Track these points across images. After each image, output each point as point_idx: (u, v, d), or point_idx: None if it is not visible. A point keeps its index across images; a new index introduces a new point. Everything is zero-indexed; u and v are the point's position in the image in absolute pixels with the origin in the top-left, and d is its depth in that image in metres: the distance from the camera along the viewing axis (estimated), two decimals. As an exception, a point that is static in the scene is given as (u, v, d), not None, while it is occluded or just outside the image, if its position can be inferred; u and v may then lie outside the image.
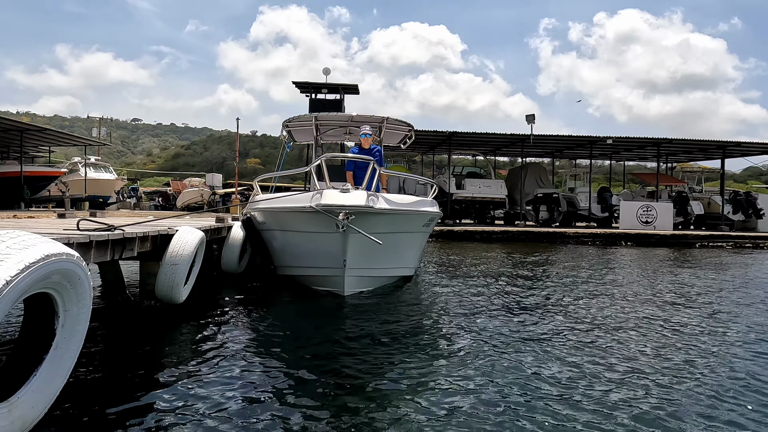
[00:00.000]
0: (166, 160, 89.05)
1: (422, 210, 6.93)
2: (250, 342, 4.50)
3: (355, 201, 5.64)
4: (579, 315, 5.81)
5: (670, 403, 3.20)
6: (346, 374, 3.63)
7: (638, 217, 21.39)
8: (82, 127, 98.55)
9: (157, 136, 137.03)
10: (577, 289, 7.67)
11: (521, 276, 9.08)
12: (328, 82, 20.34)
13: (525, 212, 24.05)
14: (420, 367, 3.81)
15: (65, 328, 2.62)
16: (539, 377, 3.63)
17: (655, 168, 26.11)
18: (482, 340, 4.58)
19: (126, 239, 4.59)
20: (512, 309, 6.05)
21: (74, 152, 36.84)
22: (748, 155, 25.94)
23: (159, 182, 58.06)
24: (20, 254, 2.26)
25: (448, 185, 22.06)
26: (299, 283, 7.11)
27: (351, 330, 4.94)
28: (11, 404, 2.30)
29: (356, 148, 8.07)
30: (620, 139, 23.02)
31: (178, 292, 5.14)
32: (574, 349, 4.36)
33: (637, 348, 4.47)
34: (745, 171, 57.22)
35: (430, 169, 30.15)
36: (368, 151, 7.84)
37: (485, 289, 7.43)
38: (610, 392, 3.37)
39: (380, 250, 6.08)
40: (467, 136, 23.23)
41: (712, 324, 5.52)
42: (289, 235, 6.85)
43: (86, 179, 27.34)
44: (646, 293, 7.47)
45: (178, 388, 3.29)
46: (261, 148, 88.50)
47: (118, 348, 4.25)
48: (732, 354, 4.36)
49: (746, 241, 18.79)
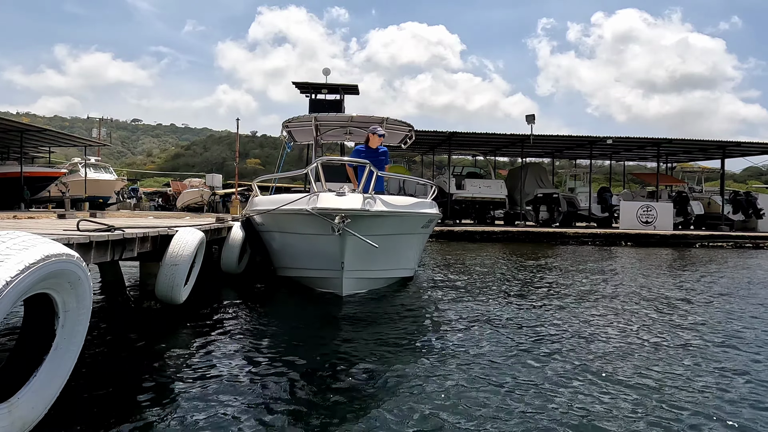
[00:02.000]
0: (166, 160, 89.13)
1: (421, 211, 6.90)
2: (250, 343, 4.50)
3: (350, 205, 5.62)
4: (580, 316, 5.81)
5: (676, 404, 3.21)
6: (345, 375, 3.63)
7: (638, 217, 21.40)
8: (82, 127, 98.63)
9: (157, 136, 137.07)
10: (577, 290, 7.67)
11: (521, 276, 9.08)
12: (328, 83, 20.37)
13: (525, 212, 24.05)
14: (420, 368, 3.80)
15: (65, 329, 2.62)
16: (539, 379, 3.63)
17: (655, 168, 26.12)
18: (482, 341, 4.58)
19: (126, 240, 4.59)
20: (512, 309, 6.05)
21: (74, 153, 36.82)
22: (748, 155, 25.95)
23: (159, 183, 58.09)
24: (20, 255, 2.26)
25: (448, 185, 22.06)
26: (298, 284, 7.11)
27: (349, 331, 4.94)
28: (11, 405, 2.30)
29: (363, 146, 7.67)
30: (620, 139, 23.02)
31: (178, 292, 5.14)
32: (575, 351, 4.36)
33: (641, 350, 4.47)
34: (745, 171, 57.29)
35: (430, 170, 30.15)
36: (374, 150, 7.60)
37: (485, 290, 7.43)
38: (610, 392, 3.38)
39: (379, 252, 6.07)
40: (467, 136, 23.23)
41: (712, 323, 5.53)
42: (288, 237, 6.84)
43: (86, 180, 27.35)
44: (646, 293, 7.47)
45: (178, 388, 3.30)
46: (261, 149, 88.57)
47: (118, 348, 4.25)
48: (735, 354, 4.37)
49: (746, 241, 18.80)
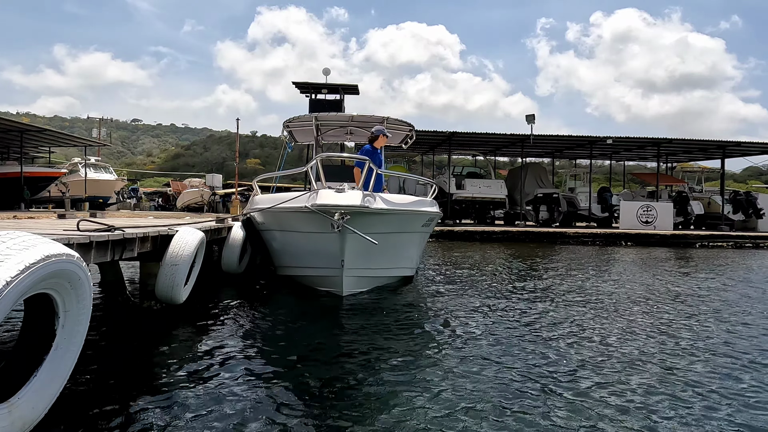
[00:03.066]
0: (166, 160, 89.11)
1: (421, 210, 6.89)
2: (250, 343, 4.50)
3: (350, 201, 5.61)
4: (580, 316, 5.81)
5: (682, 405, 3.21)
6: (345, 375, 3.63)
7: (638, 217, 21.39)
8: (82, 127, 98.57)
9: (157, 136, 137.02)
10: (577, 290, 7.67)
11: (522, 276, 9.08)
12: (328, 83, 20.36)
13: (525, 212, 24.04)
14: (419, 369, 3.80)
15: (65, 329, 2.62)
16: (539, 379, 3.63)
17: (655, 168, 26.12)
18: (482, 341, 4.58)
19: (126, 240, 4.59)
20: (512, 309, 6.05)
21: (74, 153, 36.85)
22: (748, 155, 25.95)
23: (159, 183, 58.09)
24: (20, 255, 2.26)
25: (448, 185, 22.05)
26: (299, 283, 7.11)
27: (350, 331, 4.94)
28: (11, 405, 2.30)
29: (369, 146, 7.58)
30: (620, 139, 23.02)
31: (179, 292, 5.13)
32: (575, 352, 4.35)
33: (643, 350, 4.47)
34: (745, 171, 57.26)
35: (430, 169, 30.15)
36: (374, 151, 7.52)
37: (485, 290, 7.43)
38: (610, 392, 3.38)
39: (379, 251, 6.07)
40: (467, 136, 23.23)
41: (713, 321, 5.53)
42: (288, 236, 6.84)
43: (86, 180, 27.35)
44: (647, 293, 7.47)
45: (178, 388, 3.29)
46: (261, 149, 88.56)
47: (118, 348, 4.25)
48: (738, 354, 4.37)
49: (746, 241, 18.81)
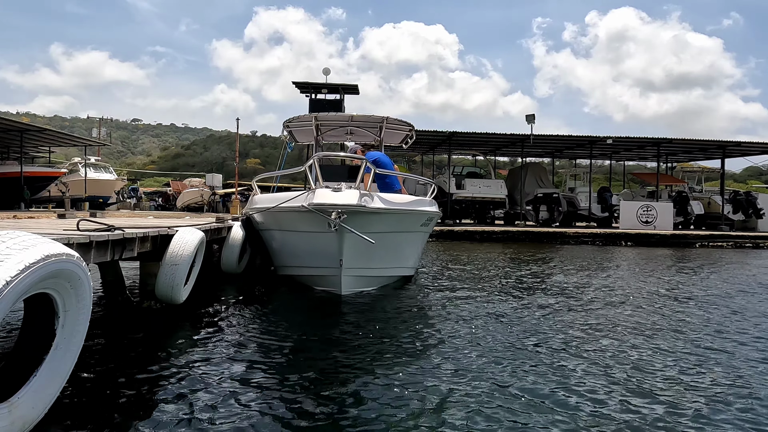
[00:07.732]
0: (166, 160, 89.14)
1: (420, 209, 6.88)
2: (250, 343, 4.50)
3: (347, 200, 5.60)
4: (580, 316, 5.81)
5: (680, 403, 3.21)
6: (345, 375, 3.63)
7: (638, 216, 21.40)
8: (81, 127, 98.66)
9: (157, 136, 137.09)
10: (577, 290, 7.66)
11: (521, 276, 9.07)
12: (327, 83, 20.38)
13: (525, 212, 24.05)
14: (419, 369, 3.80)
15: (65, 329, 2.61)
16: (539, 380, 3.63)
17: (655, 168, 26.13)
18: (482, 340, 4.57)
19: (126, 239, 4.59)
20: (512, 309, 6.04)
21: (74, 152, 36.86)
22: (748, 155, 25.97)
23: (159, 182, 58.12)
24: (20, 254, 2.25)
25: (448, 185, 22.06)
26: (298, 283, 7.11)
27: (349, 331, 4.93)
28: (11, 405, 2.30)
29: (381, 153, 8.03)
30: (620, 139, 23.04)
31: (179, 292, 5.13)
32: (576, 352, 4.35)
33: (645, 351, 4.47)
34: (745, 171, 57.29)
35: (430, 169, 30.18)
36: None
37: (485, 290, 7.43)
38: (610, 391, 3.38)
39: (378, 250, 6.06)
40: (467, 136, 23.24)
41: (713, 320, 5.53)
42: (287, 235, 6.84)
43: (86, 179, 27.37)
44: (647, 294, 7.47)
45: (178, 388, 3.29)
46: (261, 149, 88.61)
47: (118, 348, 4.24)
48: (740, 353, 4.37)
49: (746, 241, 18.82)
